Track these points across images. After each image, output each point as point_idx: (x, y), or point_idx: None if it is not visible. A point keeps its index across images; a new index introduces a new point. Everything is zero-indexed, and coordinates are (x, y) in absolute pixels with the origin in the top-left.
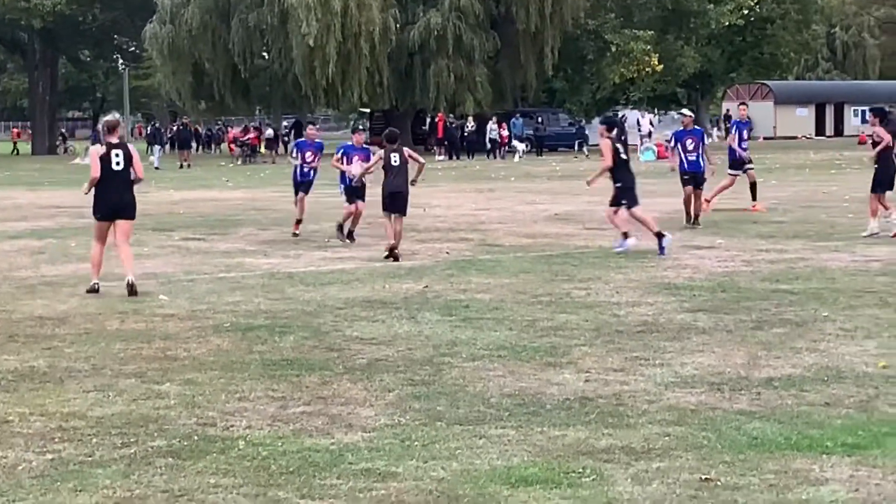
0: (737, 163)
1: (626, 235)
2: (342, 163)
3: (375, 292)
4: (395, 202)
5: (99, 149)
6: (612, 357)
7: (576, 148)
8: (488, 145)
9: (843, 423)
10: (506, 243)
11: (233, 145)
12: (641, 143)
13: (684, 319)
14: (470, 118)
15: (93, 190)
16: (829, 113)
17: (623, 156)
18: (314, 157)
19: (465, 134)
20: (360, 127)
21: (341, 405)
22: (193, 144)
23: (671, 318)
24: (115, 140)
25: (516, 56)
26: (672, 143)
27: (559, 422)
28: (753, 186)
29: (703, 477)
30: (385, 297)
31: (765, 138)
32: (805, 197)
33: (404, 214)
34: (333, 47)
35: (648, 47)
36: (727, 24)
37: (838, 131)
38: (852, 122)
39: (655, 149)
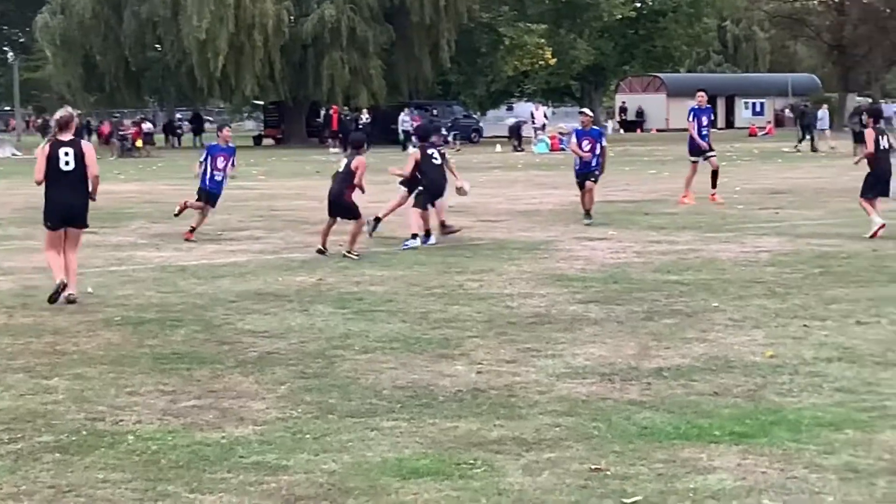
0: (697, 150)
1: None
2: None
3: (268, 285)
4: (331, 209)
5: (45, 147)
6: (504, 348)
7: (452, 142)
8: (401, 136)
9: (730, 412)
10: (400, 235)
11: (111, 139)
12: (535, 136)
13: (576, 311)
14: (364, 110)
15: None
16: (721, 105)
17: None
18: (226, 164)
19: (360, 126)
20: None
21: (232, 399)
22: (85, 137)
23: (563, 310)
24: (66, 137)
25: (411, 49)
26: (572, 140)
27: (451, 413)
28: (714, 174)
29: (593, 467)
30: (278, 289)
31: (658, 130)
32: (696, 189)
33: (347, 218)
34: (226, 39)
35: (542, 40)
36: (620, 17)
37: (730, 123)
38: (743, 114)
39: (549, 141)
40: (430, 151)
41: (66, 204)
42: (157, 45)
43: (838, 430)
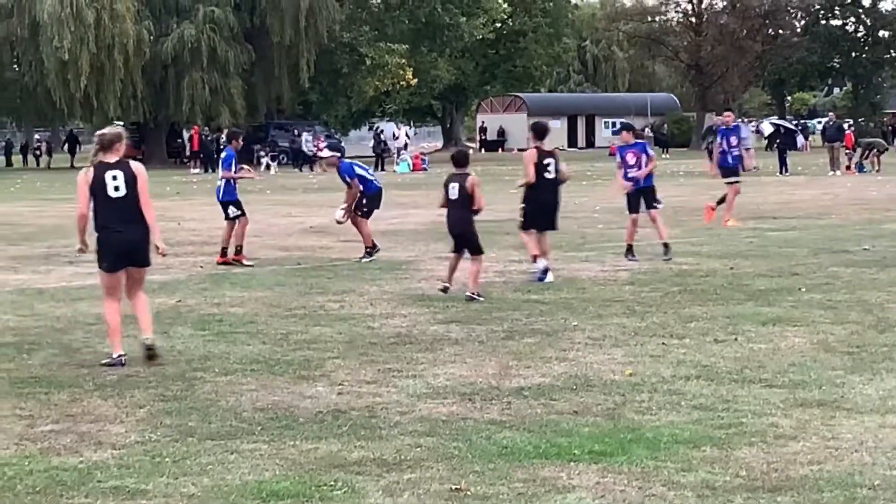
0: (730, 171)
1: None
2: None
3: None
4: (457, 243)
5: (87, 172)
6: (365, 369)
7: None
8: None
9: (590, 430)
10: (261, 256)
11: None
12: (398, 156)
13: (437, 331)
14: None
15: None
16: (581, 125)
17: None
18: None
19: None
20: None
21: (91, 422)
22: None
23: (424, 330)
24: (112, 159)
25: (271, 68)
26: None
27: (312, 435)
28: (723, 199)
29: (454, 487)
30: None
31: (519, 150)
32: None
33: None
34: (87, 60)
35: (403, 60)
36: (480, 37)
37: (590, 143)
38: (603, 133)
39: (411, 161)
40: (546, 161)
41: (123, 238)
42: (15, 66)
43: (696, 447)
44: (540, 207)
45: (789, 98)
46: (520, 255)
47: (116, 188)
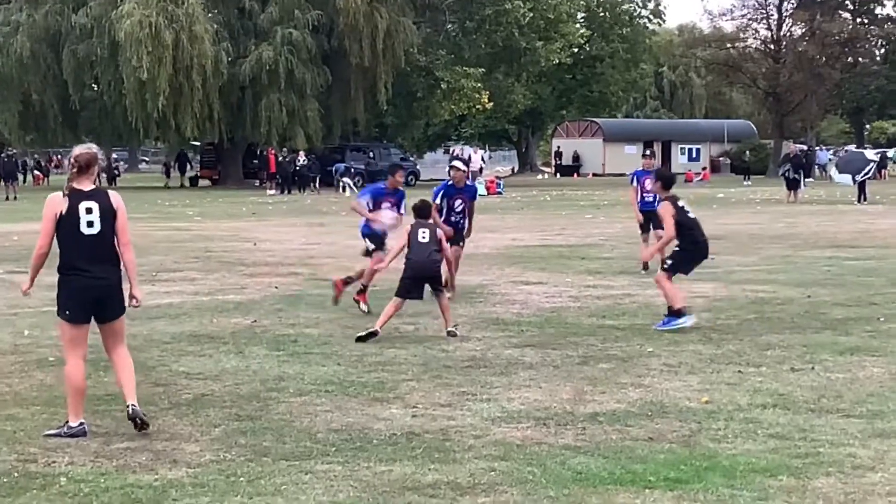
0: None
1: None
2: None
3: (203, 327)
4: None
5: (57, 199)
6: (439, 392)
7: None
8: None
9: (665, 457)
10: (335, 278)
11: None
12: (473, 179)
13: (512, 354)
14: (301, 152)
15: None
16: (658, 150)
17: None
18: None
19: (297, 168)
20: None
21: (166, 441)
22: (20, 176)
23: (499, 354)
24: (87, 186)
25: (348, 91)
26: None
27: (385, 457)
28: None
29: None
30: (213, 331)
31: (594, 175)
32: (632, 233)
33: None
34: (165, 80)
35: (479, 84)
36: (557, 62)
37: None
38: (679, 159)
39: (486, 185)
40: (681, 204)
41: (92, 283)
42: (94, 85)
43: (773, 476)
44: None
45: (868, 127)
46: (594, 279)
47: (90, 223)
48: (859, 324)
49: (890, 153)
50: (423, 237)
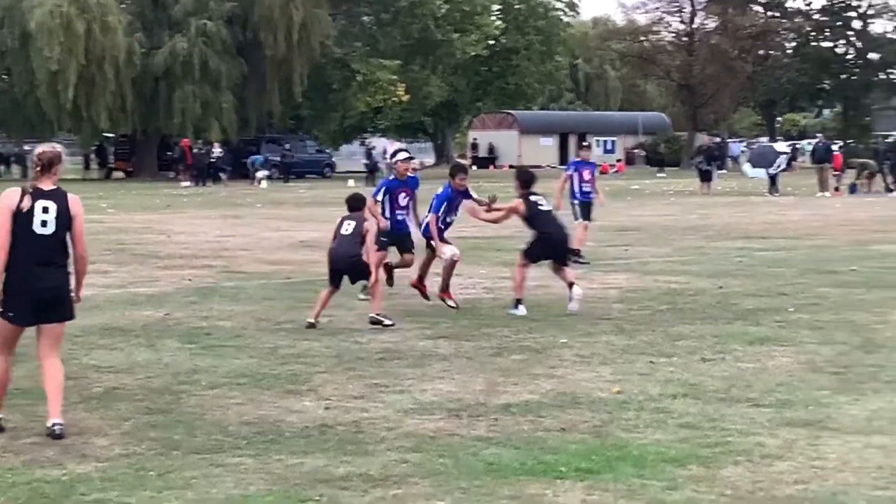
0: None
1: None
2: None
3: (115, 320)
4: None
5: (11, 193)
6: (352, 384)
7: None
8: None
9: (577, 447)
10: (250, 270)
11: None
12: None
13: (425, 346)
14: (216, 144)
15: None
16: (573, 142)
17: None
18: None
19: (213, 160)
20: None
21: (75, 435)
22: None
23: (412, 345)
24: (47, 185)
25: (263, 82)
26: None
27: (298, 450)
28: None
29: None
30: (124, 324)
31: (510, 167)
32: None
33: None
34: (76, 71)
35: (395, 76)
36: (473, 54)
37: None
38: (594, 151)
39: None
40: (534, 199)
41: (40, 286)
42: (5, 76)
43: (682, 465)
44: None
45: (779, 119)
46: (509, 271)
47: (44, 223)
48: (769, 314)
49: (801, 145)
50: (346, 230)
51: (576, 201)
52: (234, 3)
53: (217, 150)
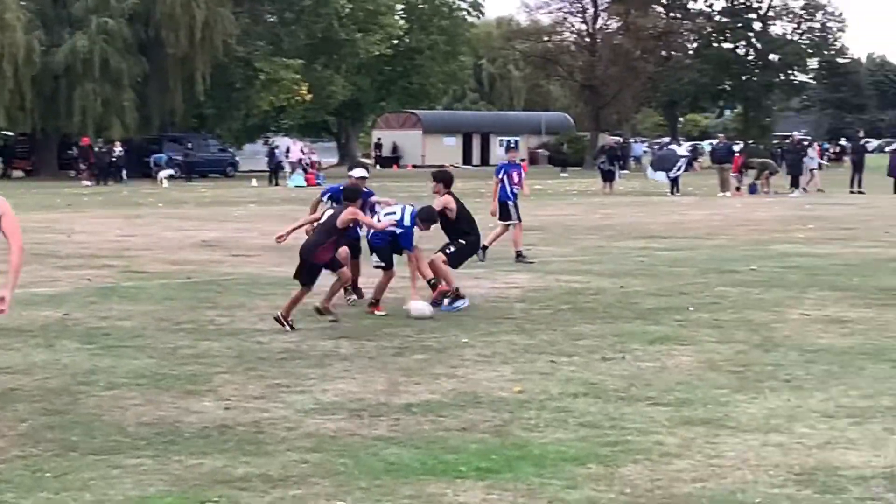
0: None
1: None
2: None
3: (12, 320)
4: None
5: None
6: (253, 384)
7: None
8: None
9: (477, 447)
10: (150, 270)
11: None
12: (293, 170)
13: (327, 346)
14: (117, 143)
15: None
16: (476, 142)
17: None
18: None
19: (114, 159)
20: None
21: None
22: None
23: (314, 345)
24: None
25: (165, 81)
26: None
27: (197, 450)
28: None
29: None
30: (22, 324)
31: (413, 166)
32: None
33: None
34: None
35: (298, 75)
36: (376, 53)
37: (485, 160)
38: (498, 151)
39: (306, 176)
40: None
41: None
42: None
43: (582, 464)
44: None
45: (681, 119)
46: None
47: None
48: (669, 313)
49: (702, 146)
50: (321, 220)
51: (510, 202)
52: (135, 1)
53: (118, 149)
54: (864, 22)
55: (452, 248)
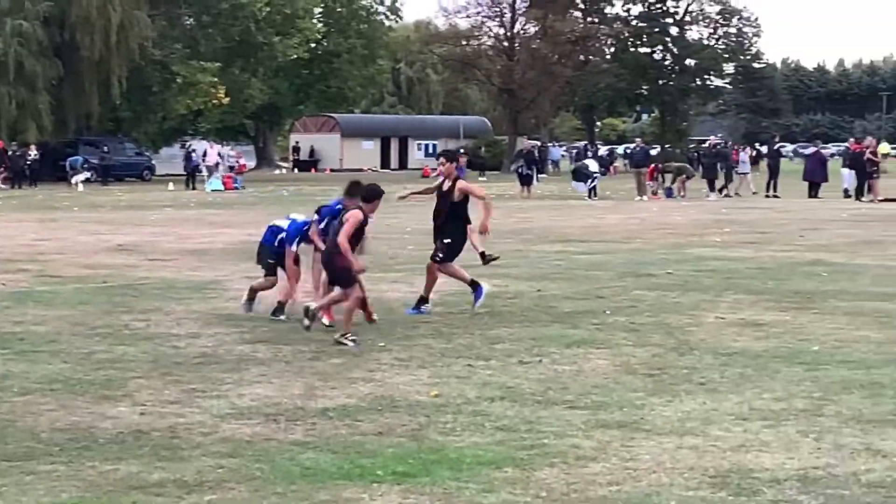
0: None
1: None
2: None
3: None
4: None
5: None
6: (169, 389)
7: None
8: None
9: (394, 451)
10: (65, 274)
11: None
12: (210, 174)
13: (244, 350)
14: (33, 146)
15: None
16: (395, 146)
17: None
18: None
19: (29, 162)
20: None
21: None
22: None
23: (231, 350)
24: None
25: (81, 84)
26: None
27: (112, 456)
28: None
29: None
30: None
31: (331, 170)
32: (379, 230)
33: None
34: None
35: (215, 79)
36: (294, 57)
37: (403, 164)
38: (416, 155)
39: (223, 179)
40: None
41: None
42: None
43: (498, 468)
44: None
45: (599, 123)
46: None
47: None
48: (586, 317)
49: (619, 150)
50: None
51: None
52: (50, 4)
53: (33, 152)
54: (778, 27)
55: (441, 253)
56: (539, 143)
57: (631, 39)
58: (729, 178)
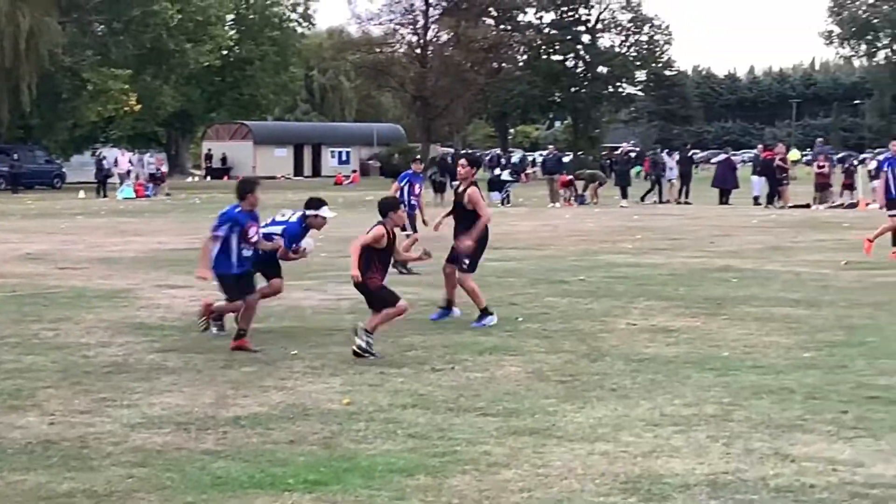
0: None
1: None
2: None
3: None
4: None
5: None
6: (78, 399)
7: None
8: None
9: (305, 459)
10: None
11: None
12: (122, 182)
13: (154, 359)
14: None
15: None
16: (308, 154)
17: None
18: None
19: None
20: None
21: None
22: None
23: (141, 359)
24: None
25: None
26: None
27: (20, 466)
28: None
29: None
30: None
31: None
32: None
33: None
34: None
35: (126, 86)
36: (206, 64)
37: (316, 171)
38: (329, 162)
39: (135, 187)
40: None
41: None
42: None
43: (410, 475)
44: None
45: (512, 131)
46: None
47: None
48: (499, 324)
49: (532, 157)
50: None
51: (407, 213)
52: None
53: None
54: (690, 35)
55: (466, 260)
56: (453, 151)
57: (543, 47)
58: (658, 185)
